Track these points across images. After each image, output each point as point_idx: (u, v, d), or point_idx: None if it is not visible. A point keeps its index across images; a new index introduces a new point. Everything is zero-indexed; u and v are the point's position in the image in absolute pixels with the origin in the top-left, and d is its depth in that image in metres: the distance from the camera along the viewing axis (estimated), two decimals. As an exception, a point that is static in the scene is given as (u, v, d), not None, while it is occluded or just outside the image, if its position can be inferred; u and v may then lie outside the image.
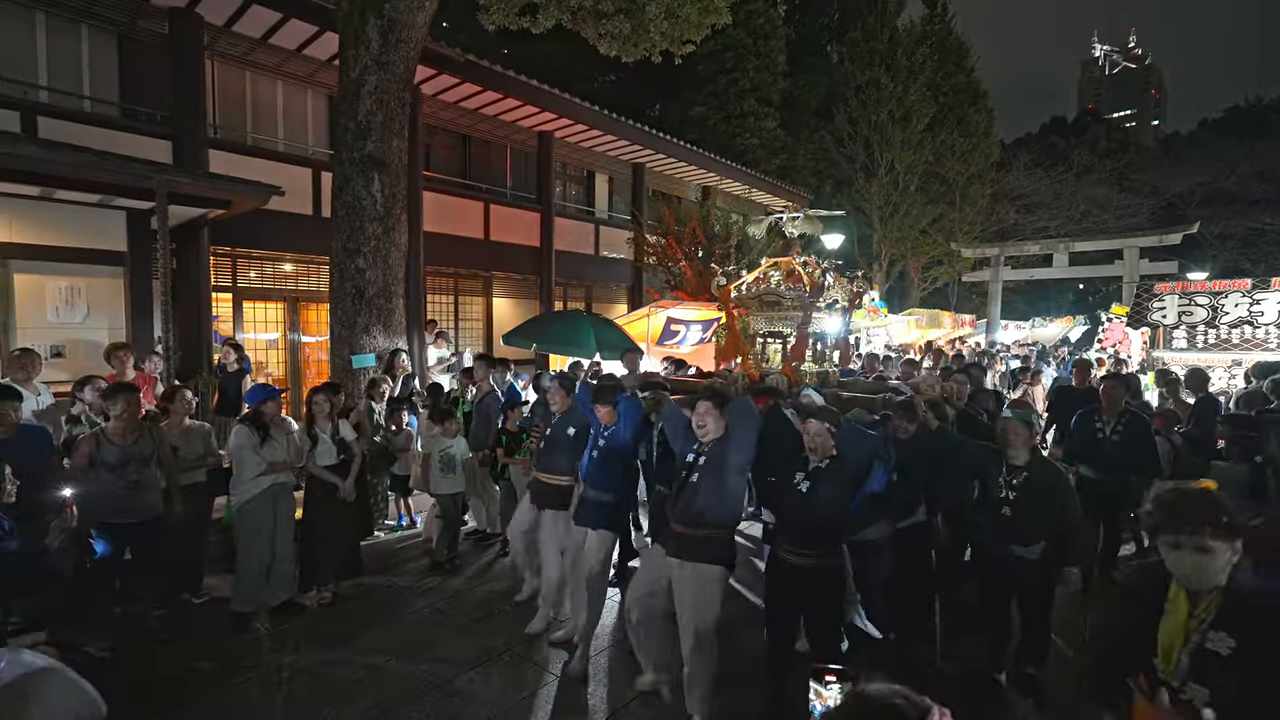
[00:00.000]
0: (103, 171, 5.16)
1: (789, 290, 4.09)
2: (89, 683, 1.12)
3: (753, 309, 4.43)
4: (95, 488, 3.49)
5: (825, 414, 3.03)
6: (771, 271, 4.18)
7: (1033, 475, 3.13)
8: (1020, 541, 3.11)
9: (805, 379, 4.00)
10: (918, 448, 3.46)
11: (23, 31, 6.77)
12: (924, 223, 22.64)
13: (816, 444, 2.94)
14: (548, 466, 3.96)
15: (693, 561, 2.92)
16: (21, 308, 5.91)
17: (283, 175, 7.53)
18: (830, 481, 2.92)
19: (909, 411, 3.54)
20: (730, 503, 2.99)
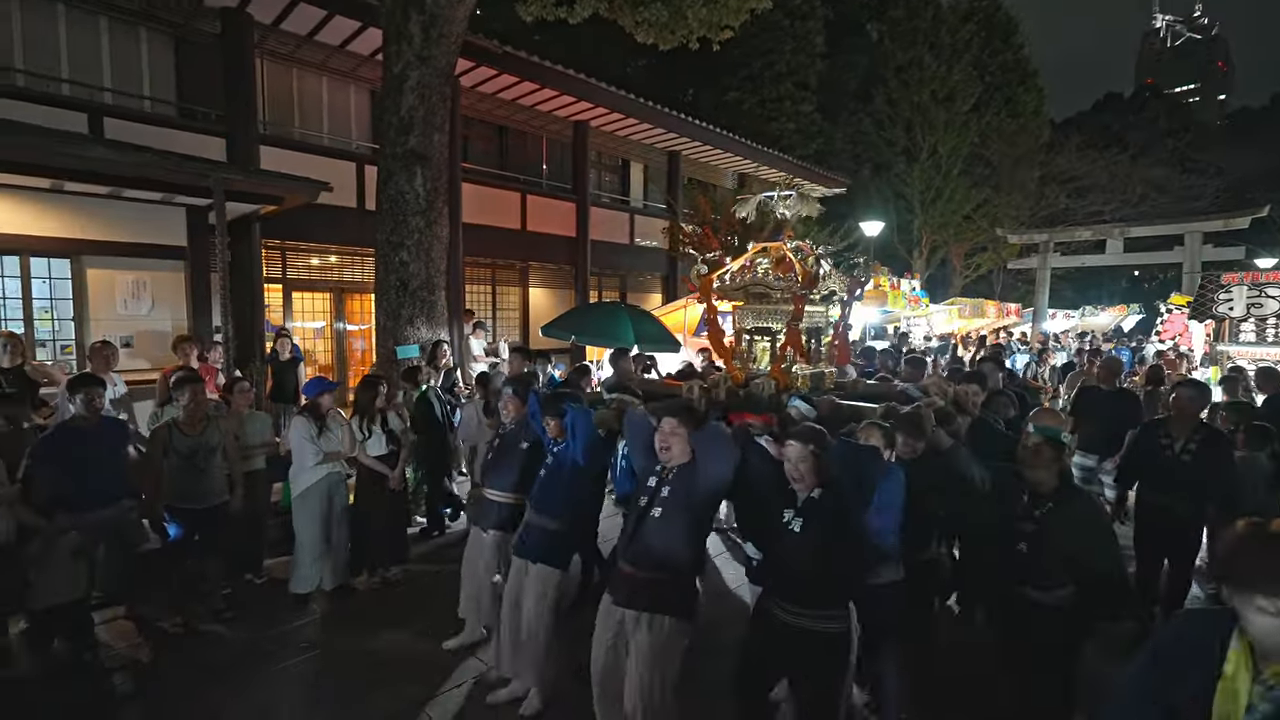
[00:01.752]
0: (166, 171, 5.39)
1: (778, 280, 3.50)
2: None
3: (738, 301, 3.87)
4: (169, 474, 3.70)
5: (806, 434, 2.41)
6: (759, 259, 3.61)
7: (1061, 506, 2.57)
8: (1037, 583, 2.58)
9: (797, 382, 3.51)
10: (928, 469, 2.88)
11: (88, 36, 7.09)
12: (967, 208, 21.93)
13: (800, 471, 2.36)
14: (494, 481, 3.49)
15: (645, 612, 2.45)
16: (94, 301, 6.26)
17: (328, 170, 7.74)
18: (830, 515, 2.32)
19: (914, 426, 2.90)
20: (695, 544, 2.54)
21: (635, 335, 6.42)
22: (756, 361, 3.75)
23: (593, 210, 12.19)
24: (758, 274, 3.60)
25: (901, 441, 2.85)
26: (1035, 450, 2.65)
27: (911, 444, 2.91)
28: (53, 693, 3.18)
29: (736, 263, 3.77)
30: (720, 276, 3.74)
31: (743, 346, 3.84)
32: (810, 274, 3.44)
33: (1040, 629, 2.60)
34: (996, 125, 21.52)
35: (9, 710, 3.00)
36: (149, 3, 7.22)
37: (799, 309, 3.41)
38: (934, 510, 2.97)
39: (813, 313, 3.69)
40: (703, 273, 3.78)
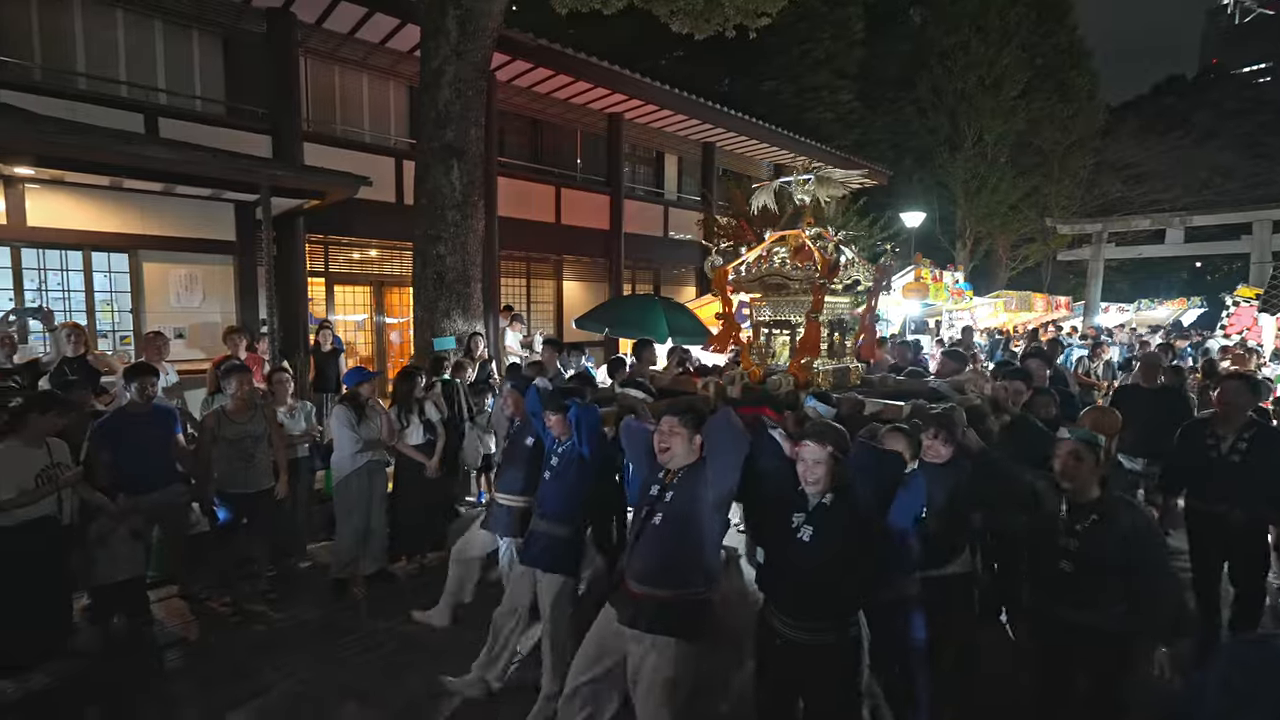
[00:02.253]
0: (218, 167, 5.58)
1: (795, 269, 3.27)
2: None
3: (755, 294, 3.65)
4: (218, 460, 3.84)
5: (826, 433, 2.22)
6: (777, 248, 3.40)
7: (1106, 519, 2.30)
8: (1082, 605, 2.32)
9: (818, 379, 3.31)
10: (957, 474, 2.66)
11: (144, 39, 7.38)
12: (1015, 197, 21.12)
13: (815, 474, 2.16)
14: (503, 484, 3.35)
15: (652, 634, 2.24)
16: (150, 294, 6.55)
17: (368, 165, 7.89)
18: (842, 523, 2.12)
19: (947, 426, 2.67)
20: (706, 553, 2.32)
21: (669, 328, 6.38)
22: (775, 357, 3.55)
23: (627, 203, 12.16)
24: (774, 264, 3.36)
25: (928, 444, 2.64)
26: (1066, 456, 2.38)
27: (938, 447, 2.66)
28: (113, 665, 3.35)
29: (753, 253, 3.54)
30: (736, 268, 3.54)
31: (760, 341, 3.65)
32: (830, 262, 3.18)
33: (1086, 654, 2.33)
34: (1047, 111, 20.62)
35: (75, 680, 3.16)
36: (199, 5, 7.47)
37: (818, 300, 3.20)
38: (964, 519, 2.72)
39: (835, 304, 3.49)
40: (717, 264, 3.59)
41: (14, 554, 2.94)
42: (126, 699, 3.05)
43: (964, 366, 4.78)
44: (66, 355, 4.82)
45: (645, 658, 2.24)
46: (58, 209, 5.95)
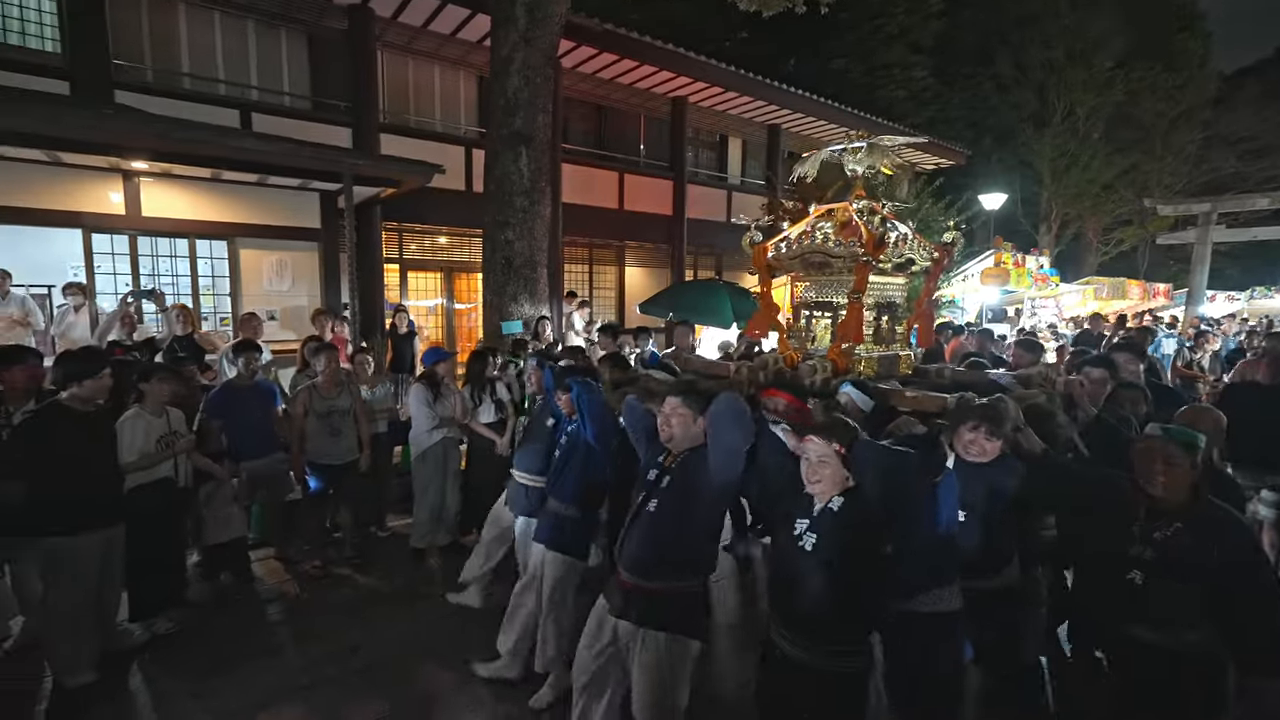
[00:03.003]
0: (306, 159, 5.91)
1: (838, 245, 2.99)
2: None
3: (795, 272, 3.38)
4: (309, 433, 4.11)
5: (831, 429, 2.00)
6: (821, 224, 3.13)
7: (1194, 527, 1.98)
8: (1156, 623, 2.00)
9: (859, 366, 3.05)
10: (1004, 474, 2.38)
11: (238, 40, 7.88)
12: (1108, 176, 19.54)
13: (819, 475, 1.94)
14: (521, 462, 3.31)
15: (645, 628, 2.14)
16: (245, 279, 7.04)
17: (439, 154, 8.17)
18: (849, 531, 1.89)
19: (991, 420, 2.36)
20: (702, 544, 2.21)
21: (734, 313, 6.31)
22: (816, 341, 3.27)
23: (690, 188, 12.06)
24: (816, 240, 3.08)
25: (969, 440, 2.36)
26: (1148, 453, 2.05)
27: (981, 443, 2.35)
28: (221, 616, 3.67)
29: (795, 228, 3.29)
30: (776, 244, 3.29)
31: (800, 323, 3.37)
32: (875, 237, 2.88)
33: (1160, 680, 2.01)
34: (1149, 80, 18.89)
35: (190, 628, 3.48)
36: (286, 3, 7.89)
37: (861, 279, 2.91)
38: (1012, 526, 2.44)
39: (884, 284, 3.22)
40: (756, 240, 3.33)
41: (139, 512, 3.25)
42: (234, 646, 3.33)
43: (1039, 358, 4.38)
44: (176, 334, 5.26)
45: (636, 651, 2.16)
46: (167, 200, 6.47)
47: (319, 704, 2.91)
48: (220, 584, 3.95)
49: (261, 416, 4.06)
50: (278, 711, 2.86)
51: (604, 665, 2.32)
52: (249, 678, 3.07)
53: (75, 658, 2.99)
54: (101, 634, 3.14)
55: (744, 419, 2.09)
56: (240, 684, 3.02)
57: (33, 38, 6.63)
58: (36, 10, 6.62)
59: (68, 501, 2.94)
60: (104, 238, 6.34)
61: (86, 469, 3.01)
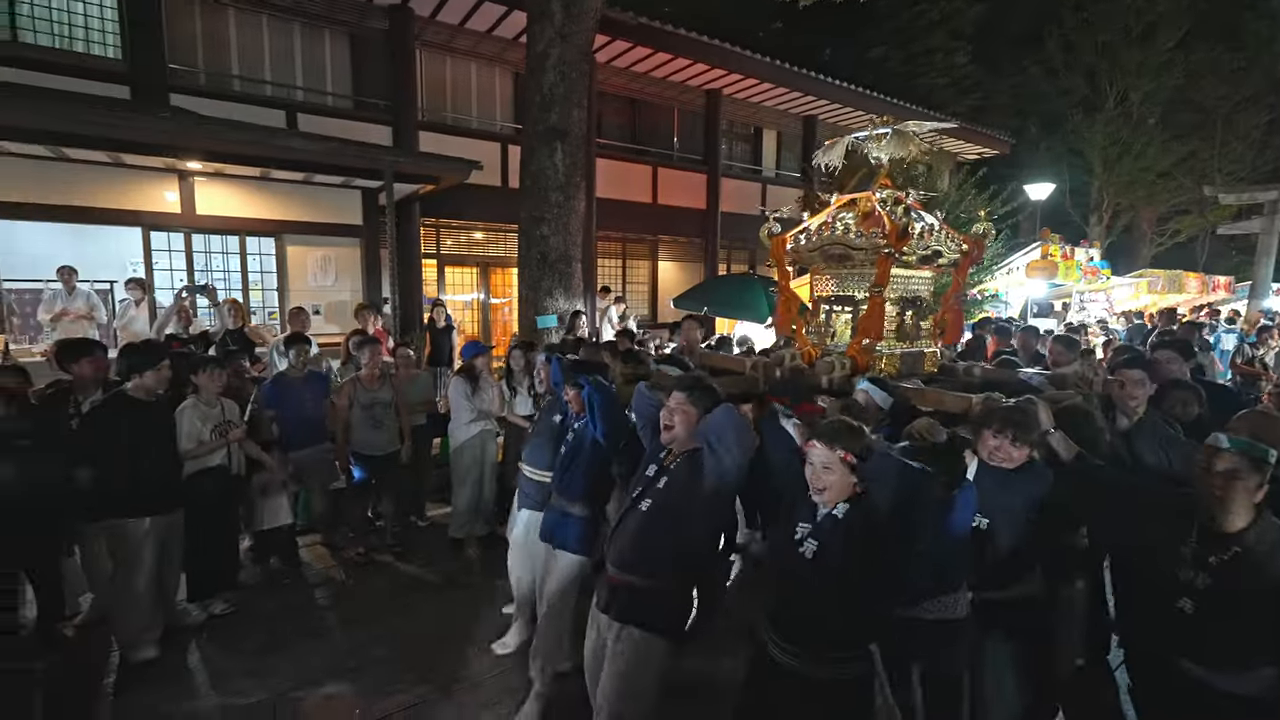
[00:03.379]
0: (351, 157, 6.07)
1: (857, 237, 2.86)
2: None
3: (815, 265, 3.23)
4: (353, 424, 4.24)
5: (836, 434, 1.88)
6: (843, 214, 3.01)
7: (1251, 553, 1.76)
8: (1204, 658, 1.80)
9: (880, 363, 2.91)
10: (1032, 482, 2.23)
11: (285, 41, 8.12)
12: (1165, 163, 18.59)
13: (824, 482, 1.86)
14: (530, 457, 3.25)
15: (624, 624, 2.11)
16: (292, 274, 7.28)
17: (476, 150, 8.28)
18: (852, 540, 1.82)
19: (1017, 426, 2.19)
20: (695, 547, 2.14)
21: (769, 306, 6.25)
22: (836, 337, 3.14)
23: (724, 181, 11.97)
24: (836, 231, 2.94)
25: (993, 445, 2.21)
26: (1209, 468, 1.81)
27: (1007, 449, 2.20)
28: (271, 598, 3.82)
29: (815, 219, 3.15)
30: (795, 236, 3.16)
31: (819, 319, 3.23)
32: (898, 228, 2.73)
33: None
34: (1211, 62, 17.88)
35: (244, 609, 3.64)
36: (331, 5, 8.09)
37: (883, 272, 2.78)
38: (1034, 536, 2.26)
39: (909, 278, 3.09)
40: (774, 232, 3.19)
41: (196, 497, 3.40)
42: (285, 627, 3.47)
43: (1077, 355, 4.10)
44: (228, 328, 5.48)
45: (613, 647, 2.12)
46: (219, 199, 6.73)
47: (367, 684, 3.02)
48: (270, 568, 4.12)
49: (312, 407, 4.21)
50: (329, 690, 2.97)
51: (598, 664, 2.26)
52: (300, 658, 3.20)
53: (139, 634, 3.16)
54: (163, 612, 3.31)
55: (739, 435, 2.01)
56: (293, 663, 3.15)
57: (96, 45, 6.96)
58: (100, 19, 6.95)
59: (132, 486, 3.11)
60: (161, 235, 6.64)
61: (149, 456, 3.16)
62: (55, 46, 6.75)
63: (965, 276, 3.14)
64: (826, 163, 3.20)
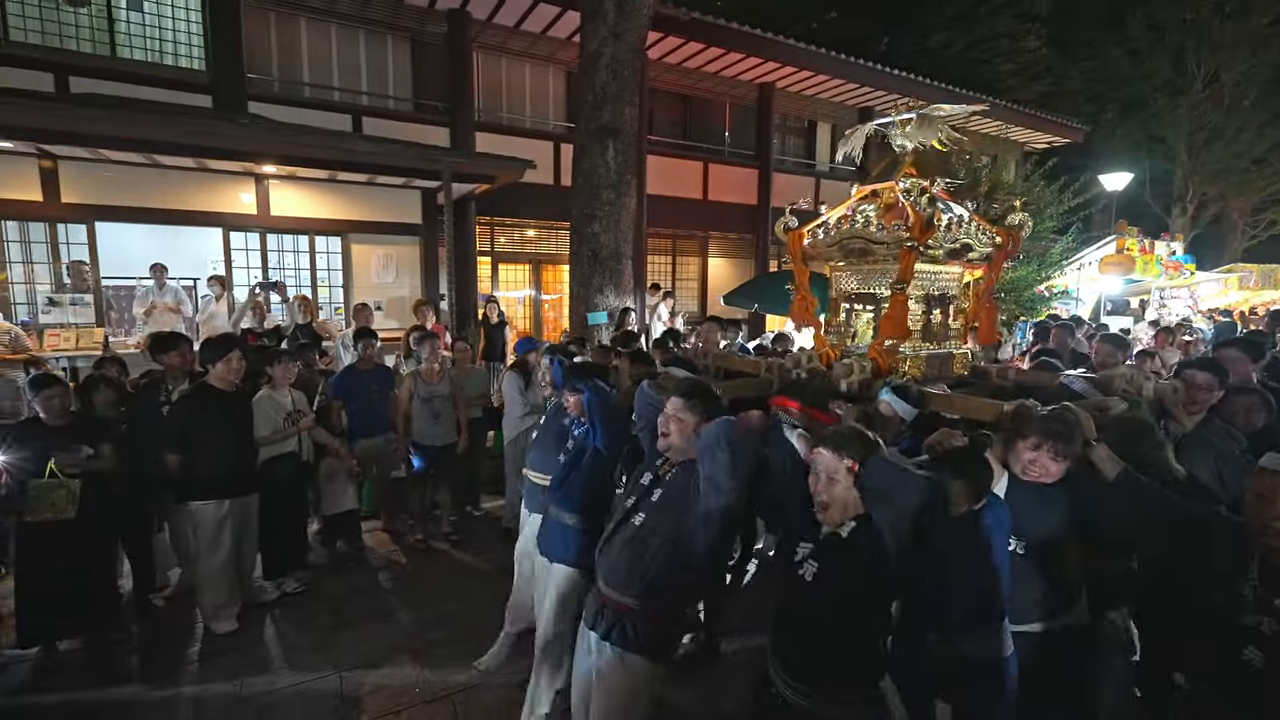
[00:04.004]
0: (411, 158, 6.31)
1: (879, 230, 2.65)
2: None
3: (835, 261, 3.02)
4: (413, 416, 4.41)
5: (844, 441, 1.71)
6: (864, 206, 2.81)
7: None
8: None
9: (904, 366, 2.69)
10: (1071, 500, 2.01)
11: (351, 48, 8.49)
12: (1260, 149, 17.16)
13: (829, 495, 1.70)
14: (535, 461, 3.13)
15: (612, 645, 1.97)
16: (356, 272, 7.62)
17: (529, 149, 8.43)
18: (858, 564, 1.65)
19: (1056, 436, 1.94)
20: (689, 568, 1.96)
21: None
22: (858, 337, 2.94)
23: (776, 176, 11.78)
24: (856, 224, 2.73)
25: (1028, 457, 1.98)
26: (1267, 492, 1.58)
27: (1044, 461, 1.96)
28: (337, 579, 4.03)
29: (835, 211, 2.95)
30: (813, 230, 2.97)
31: (839, 318, 3.05)
32: (923, 219, 2.51)
33: None
34: (1316, 37, 16.35)
35: (313, 587, 3.87)
36: (394, 12, 8.40)
37: (905, 267, 2.56)
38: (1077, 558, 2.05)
39: (936, 273, 2.87)
40: (791, 226, 3.00)
41: (270, 482, 3.62)
42: (351, 607, 3.66)
43: (1127, 355, 3.68)
44: (298, 322, 5.78)
45: (599, 667, 2.00)
46: (291, 201, 7.11)
47: (429, 663, 3.16)
48: (336, 551, 4.34)
49: (377, 399, 4.41)
50: (393, 668, 3.12)
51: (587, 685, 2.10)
52: (365, 637, 3.37)
53: (220, 608, 3.40)
54: (241, 588, 3.54)
55: (733, 452, 1.82)
56: (358, 641, 3.32)
57: (184, 58, 7.46)
58: (187, 34, 7.44)
59: (214, 470, 3.33)
60: (239, 235, 7.06)
61: (229, 442, 3.39)
62: (147, 60, 7.27)
63: (999, 272, 2.92)
64: (848, 152, 3.04)
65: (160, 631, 3.43)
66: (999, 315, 8.71)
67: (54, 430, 3.10)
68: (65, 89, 6.70)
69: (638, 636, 1.95)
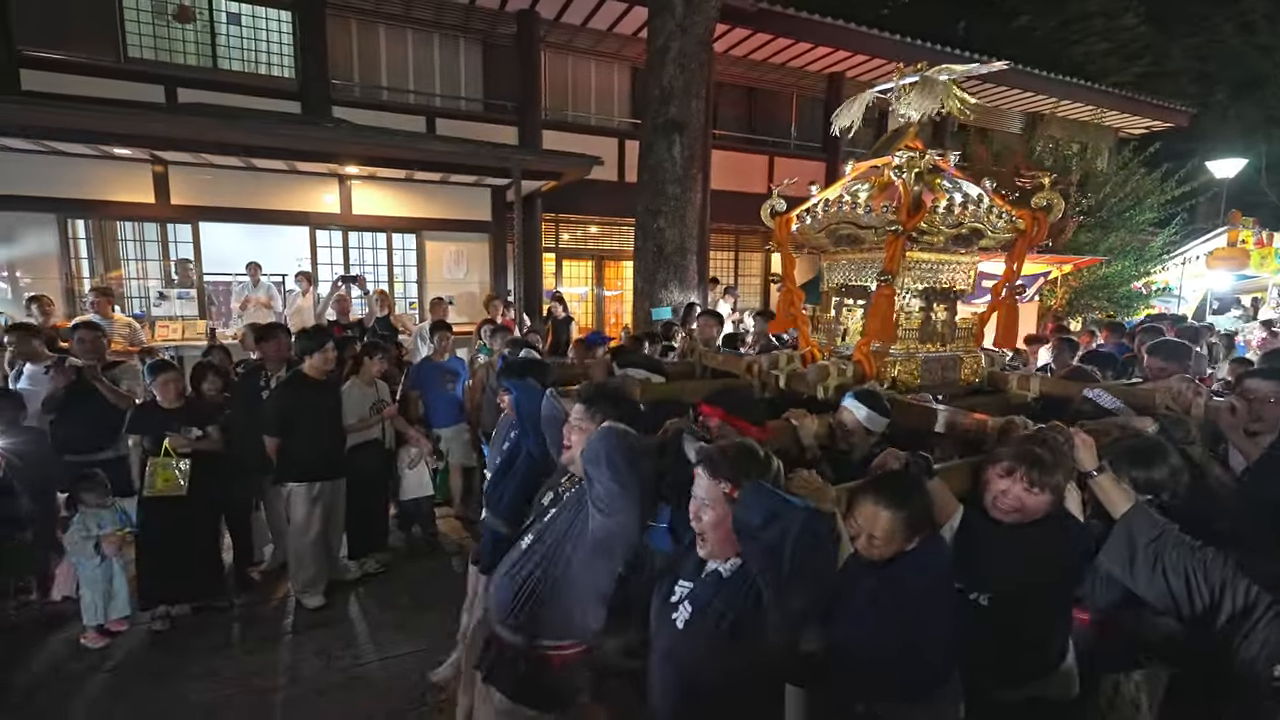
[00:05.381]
0: (484, 157, 6.50)
1: (866, 214, 2.30)
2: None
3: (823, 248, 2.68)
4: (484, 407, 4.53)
5: (719, 462, 1.40)
6: (857, 186, 2.47)
7: None
8: None
9: (892, 370, 2.35)
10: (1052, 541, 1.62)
11: (426, 52, 8.81)
12: (1403, 130, 15.27)
13: (701, 525, 1.41)
14: (491, 463, 2.95)
15: (489, 684, 1.72)
16: (429, 268, 7.93)
17: (594, 146, 8.52)
18: (733, 611, 1.36)
19: (1030, 463, 1.58)
20: (568, 602, 1.66)
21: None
22: (848, 336, 2.60)
23: (843, 169, 11.41)
24: (844, 207, 2.38)
25: (1000, 487, 1.61)
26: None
27: (1018, 493, 1.59)
28: (414, 562, 4.20)
29: (826, 192, 2.61)
30: (801, 215, 2.60)
31: (829, 314, 2.74)
32: (911, 198, 2.17)
33: None
34: None
35: (392, 568, 4.06)
36: (467, 15, 8.65)
37: (891, 255, 2.23)
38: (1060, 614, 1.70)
39: (937, 263, 2.48)
40: (778, 210, 2.68)
41: (355, 467, 3.82)
42: (427, 589, 3.81)
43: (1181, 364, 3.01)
44: (377, 316, 6.06)
45: (479, 704, 1.78)
46: (370, 199, 7.46)
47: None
48: (413, 535, 4.53)
49: (452, 389, 4.57)
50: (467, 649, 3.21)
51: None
52: (440, 620, 3.48)
53: (310, 583, 3.61)
54: (328, 566, 3.75)
55: (613, 466, 1.54)
56: (434, 623, 3.44)
57: (276, 67, 7.95)
58: (279, 44, 7.92)
59: (308, 454, 3.54)
60: (324, 233, 7.47)
61: (322, 428, 3.59)
62: (244, 70, 7.79)
63: (1021, 263, 2.53)
64: (844, 126, 2.74)
65: (258, 603, 3.68)
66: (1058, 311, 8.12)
67: (168, 413, 3.37)
68: (174, 99, 7.27)
69: (516, 680, 1.67)
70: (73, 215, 6.52)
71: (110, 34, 7.17)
